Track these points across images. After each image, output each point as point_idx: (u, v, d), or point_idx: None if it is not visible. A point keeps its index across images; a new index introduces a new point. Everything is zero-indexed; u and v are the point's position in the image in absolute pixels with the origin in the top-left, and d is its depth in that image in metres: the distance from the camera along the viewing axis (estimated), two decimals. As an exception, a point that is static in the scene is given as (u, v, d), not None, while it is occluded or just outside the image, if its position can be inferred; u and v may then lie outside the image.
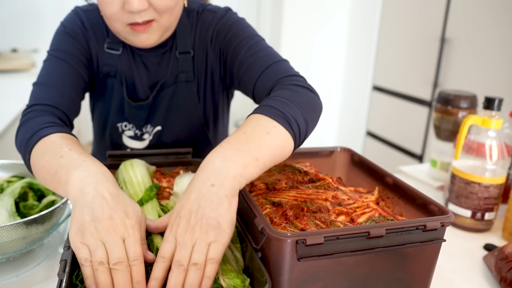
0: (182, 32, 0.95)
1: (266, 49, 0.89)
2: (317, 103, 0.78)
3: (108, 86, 0.98)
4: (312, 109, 0.75)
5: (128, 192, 0.74)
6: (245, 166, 0.60)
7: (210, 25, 0.95)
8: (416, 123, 2.52)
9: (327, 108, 3.30)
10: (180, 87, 0.97)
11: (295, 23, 3.00)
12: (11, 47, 3.07)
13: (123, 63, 0.96)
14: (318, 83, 3.21)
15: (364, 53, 2.95)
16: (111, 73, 0.96)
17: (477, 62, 2.12)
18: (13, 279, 0.73)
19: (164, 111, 0.99)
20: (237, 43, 0.91)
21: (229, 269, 0.59)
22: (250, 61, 0.87)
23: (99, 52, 0.95)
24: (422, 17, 2.43)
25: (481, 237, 0.97)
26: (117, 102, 0.98)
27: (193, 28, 0.96)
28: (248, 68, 0.87)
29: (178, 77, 0.96)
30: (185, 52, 0.95)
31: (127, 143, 1.03)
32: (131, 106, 0.97)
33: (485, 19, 2.06)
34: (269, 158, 0.63)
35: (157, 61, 0.97)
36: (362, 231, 0.56)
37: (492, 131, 0.96)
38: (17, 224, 0.70)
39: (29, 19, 3.10)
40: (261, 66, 0.85)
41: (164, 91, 0.97)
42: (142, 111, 0.98)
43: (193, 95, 0.98)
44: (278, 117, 0.67)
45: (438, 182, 1.27)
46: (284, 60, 0.87)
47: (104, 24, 0.94)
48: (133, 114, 0.99)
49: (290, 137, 0.67)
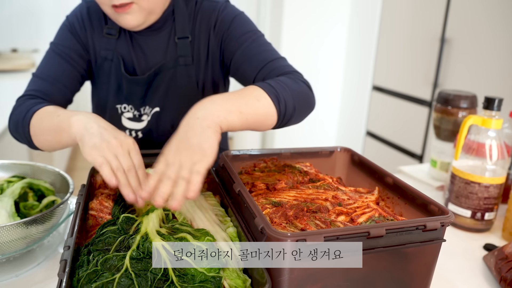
0: (181, 19, 1.01)
1: (268, 45, 0.97)
2: (310, 98, 0.87)
3: (106, 70, 1.03)
4: (304, 101, 0.84)
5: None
6: (229, 113, 0.70)
7: (213, 13, 1.01)
8: (416, 123, 2.52)
9: (327, 108, 3.31)
10: (179, 71, 1.01)
11: (295, 23, 3.00)
12: (11, 47, 3.07)
13: (121, 47, 1.02)
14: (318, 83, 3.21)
15: (364, 53, 2.95)
16: (109, 56, 1.01)
17: (477, 62, 2.12)
18: (13, 279, 0.73)
19: (162, 93, 1.02)
20: (241, 34, 0.98)
21: (230, 269, 0.59)
22: (254, 53, 0.95)
23: (97, 40, 1.02)
24: (422, 17, 2.43)
25: (481, 237, 0.97)
26: (115, 84, 1.03)
27: (191, 15, 1.02)
28: (251, 58, 0.94)
29: (178, 61, 1.01)
30: (184, 37, 1.01)
31: (126, 124, 1.06)
32: (129, 81, 1.01)
33: (485, 19, 2.06)
34: (251, 118, 0.74)
35: (155, 46, 1.02)
36: (362, 231, 0.56)
37: (492, 131, 0.96)
38: (17, 224, 0.70)
39: (29, 19, 3.10)
40: (265, 59, 0.93)
41: (163, 73, 1.01)
42: (140, 87, 1.01)
43: (192, 79, 1.02)
44: (271, 94, 0.77)
45: (438, 182, 1.27)
46: (284, 58, 0.95)
47: (103, 14, 1.01)
48: (131, 90, 1.02)
49: (275, 112, 0.77)
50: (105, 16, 1.02)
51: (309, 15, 3.02)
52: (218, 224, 0.70)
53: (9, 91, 2.36)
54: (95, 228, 0.69)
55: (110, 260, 0.58)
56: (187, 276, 0.57)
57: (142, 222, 0.67)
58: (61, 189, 0.90)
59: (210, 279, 0.56)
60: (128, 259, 0.58)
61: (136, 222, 0.68)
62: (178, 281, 0.56)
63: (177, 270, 0.58)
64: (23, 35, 3.11)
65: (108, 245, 0.62)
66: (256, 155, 0.89)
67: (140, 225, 0.66)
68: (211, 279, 0.56)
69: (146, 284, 0.55)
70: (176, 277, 0.57)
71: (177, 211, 0.71)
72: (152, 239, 0.62)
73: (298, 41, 3.04)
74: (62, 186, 0.90)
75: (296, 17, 2.99)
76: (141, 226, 0.66)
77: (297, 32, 3.02)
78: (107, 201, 0.75)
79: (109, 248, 0.61)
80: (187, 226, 0.67)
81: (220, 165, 0.81)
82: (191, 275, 0.57)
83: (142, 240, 0.62)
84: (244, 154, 0.88)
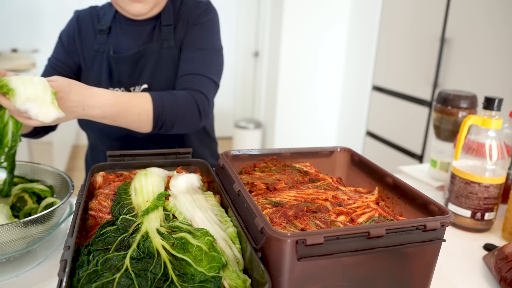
0: (166, 12, 1.16)
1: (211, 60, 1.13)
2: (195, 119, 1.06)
3: (98, 61, 1.14)
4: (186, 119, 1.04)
5: (136, 200, 0.74)
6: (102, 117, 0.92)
7: (196, 9, 1.16)
8: (416, 123, 2.52)
9: (327, 108, 3.31)
10: (163, 52, 1.14)
11: (295, 23, 3.00)
12: (11, 47, 3.07)
13: (112, 39, 1.15)
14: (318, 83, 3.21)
15: (364, 53, 2.95)
16: (101, 49, 1.14)
17: (477, 62, 2.12)
18: (13, 279, 0.73)
19: (149, 71, 1.13)
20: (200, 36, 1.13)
21: (230, 270, 0.59)
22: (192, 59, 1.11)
23: (86, 42, 1.16)
24: (422, 17, 2.43)
25: (481, 237, 0.97)
26: (107, 70, 1.14)
27: (176, 10, 1.17)
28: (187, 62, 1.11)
29: (162, 44, 1.13)
30: (168, 25, 1.15)
31: None
32: (117, 61, 1.12)
33: (485, 19, 2.06)
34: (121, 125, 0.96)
35: (142, 32, 1.15)
36: (362, 231, 0.57)
37: (492, 131, 0.96)
38: (17, 224, 0.70)
39: (29, 19, 3.10)
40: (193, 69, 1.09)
41: (149, 54, 1.13)
42: (127, 66, 1.12)
43: (175, 60, 1.14)
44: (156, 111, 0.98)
45: (438, 182, 1.27)
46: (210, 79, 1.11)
47: (93, 17, 1.18)
48: (120, 71, 1.12)
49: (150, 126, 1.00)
50: (97, 17, 1.18)
51: (309, 15, 3.02)
52: (218, 224, 0.70)
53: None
54: (95, 228, 0.69)
55: (110, 260, 0.58)
56: (187, 276, 0.57)
57: (142, 222, 0.67)
58: (61, 189, 0.90)
59: (210, 279, 0.56)
60: (128, 259, 0.58)
61: (136, 221, 0.68)
62: (178, 281, 0.56)
63: (177, 269, 0.58)
64: (23, 35, 3.11)
65: (108, 244, 0.62)
66: (256, 155, 0.89)
67: (140, 224, 0.66)
68: (211, 279, 0.56)
69: (146, 284, 0.55)
70: (176, 276, 0.57)
71: (177, 211, 0.71)
72: (152, 238, 0.62)
73: (298, 41, 3.04)
74: (62, 186, 0.90)
75: (296, 17, 2.99)
76: (141, 225, 0.66)
77: (297, 32, 3.02)
78: (106, 201, 0.75)
79: (109, 247, 0.61)
80: (187, 225, 0.67)
81: (220, 165, 0.81)
82: (191, 274, 0.57)
83: (142, 239, 0.62)
84: (244, 154, 0.88)
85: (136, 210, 0.73)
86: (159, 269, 0.57)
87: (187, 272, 0.58)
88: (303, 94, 3.20)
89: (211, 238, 0.63)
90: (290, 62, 3.08)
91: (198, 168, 0.92)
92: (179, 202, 0.73)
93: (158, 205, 0.72)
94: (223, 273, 0.58)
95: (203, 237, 0.62)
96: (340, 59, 3.18)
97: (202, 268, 0.58)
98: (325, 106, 3.27)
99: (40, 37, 3.11)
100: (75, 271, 0.57)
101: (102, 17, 1.18)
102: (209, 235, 0.63)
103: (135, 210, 0.73)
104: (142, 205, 0.73)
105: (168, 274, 0.57)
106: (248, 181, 0.81)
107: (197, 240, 0.62)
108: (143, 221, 0.67)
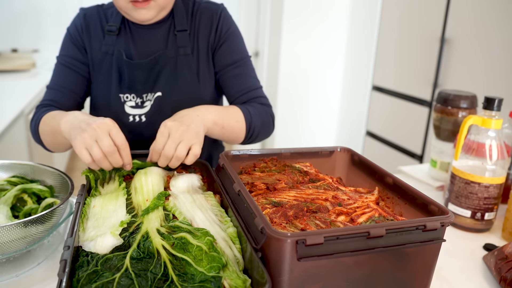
0: (179, 15, 1.10)
1: (253, 71, 1.15)
2: (271, 130, 1.15)
3: (107, 64, 1.09)
4: (266, 132, 1.12)
5: (136, 199, 0.74)
6: (214, 124, 0.96)
7: (214, 13, 1.12)
8: (416, 123, 2.52)
9: (327, 108, 3.31)
10: (179, 60, 1.09)
11: (295, 23, 3.00)
12: (11, 47, 3.07)
13: (121, 41, 1.09)
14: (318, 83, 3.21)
15: (364, 53, 2.95)
16: (110, 51, 1.08)
17: (477, 62, 2.12)
18: (13, 279, 0.73)
19: (164, 79, 1.08)
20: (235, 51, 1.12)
21: (230, 270, 0.59)
22: (242, 75, 1.12)
23: (95, 42, 1.10)
24: (422, 17, 2.43)
25: (481, 237, 0.97)
26: (116, 75, 1.08)
27: (189, 13, 1.12)
28: (239, 80, 1.12)
29: (178, 51, 1.09)
30: (183, 30, 1.10)
31: (129, 111, 1.08)
32: (131, 67, 1.06)
33: (485, 19, 2.06)
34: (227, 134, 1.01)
35: (155, 38, 1.10)
36: (362, 231, 0.57)
37: (492, 131, 0.96)
38: (17, 224, 0.70)
39: (29, 19, 3.10)
40: (251, 86, 1.12)
41: (164, 61, 1.08)
42: (141, 72, 1.07)
43: (192, 69, 1.10)
44: (247, 120, 1.04)
45: (438, 182, 1.27)
46: (262, 87, 1.16)
47: (101, 15, 1.11)
48: (133, 77, 1.07)
49: (243, 135, 1.06)
50: (105, 16, 1.11)
51: (309, 15, 3.02)
52: (218, 224, 0.70)
53: (9, 91, 2.36)
54: (95, 228, 0.69)
55: (110, 260, 0.58)
56: (187, 276, 0.57)
57: (143, 222, 0.67)
58: (61, 189, 0.90)
59: (210, 279, 0.56)
60: (128, 259, 0.58)
61: (136, 221, 0.68)
62: (178, 281, 0.56)
63: (177, 269, 0.58)
64: (23, 35, 3.11)
65: (108, 245, 0.62)
66: (256, 155, 0.89)
67: (140, 224, 0.66)
68: (211, 279, 0.56)
69: (146, 284, 0.55)
70: (176, 276, 0.57)
71: (177, 211, 0.71)
72: (153, 238, 0.63)
73: (298, 41, 3.04)
74: (62, 186, 0.90)
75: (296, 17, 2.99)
76: (141, 225, 0.66)
77: (297, 32, 3.02)
78: (107, 201, 0.75)
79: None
80: (187, 225, 0.67)
81: (220, 165, 0.81)
82: (191, 274, 0.57)
83: (143, 239, 0.62)
84: (244, 154, 0.88)
85: (136, 209, 0.73)
86: (159, 269, 0.57)
87: (187, 272, 0.58)
88: (303, 94, 3.20)
89: (211, 238, 0.63)
90: (290, 62, 3.08)
91: (198, 168, 0.92)
92: (179, 202, 0.73)
93: (158, 204, 0.72)
94: (223, 273, 0.58)
95: (203, 237, 0.62)
96: (340, 59, 3.18)
97: (202, 268, 0.58)
98: (325, 106, 3.27)
99: (41, 37, 3.11)
100: (75, 271, 0.57)
101: (110, 17, 1.10)
102: (209, 235, 0.63)
103: (135, 210, 0.73)
104: (142, 204, 0.73)
105: (168, 274, 0.57)
106: (248, 181, 0.81)
107: (197, 240, 0.62)
108: (143, 221, 0.67)
